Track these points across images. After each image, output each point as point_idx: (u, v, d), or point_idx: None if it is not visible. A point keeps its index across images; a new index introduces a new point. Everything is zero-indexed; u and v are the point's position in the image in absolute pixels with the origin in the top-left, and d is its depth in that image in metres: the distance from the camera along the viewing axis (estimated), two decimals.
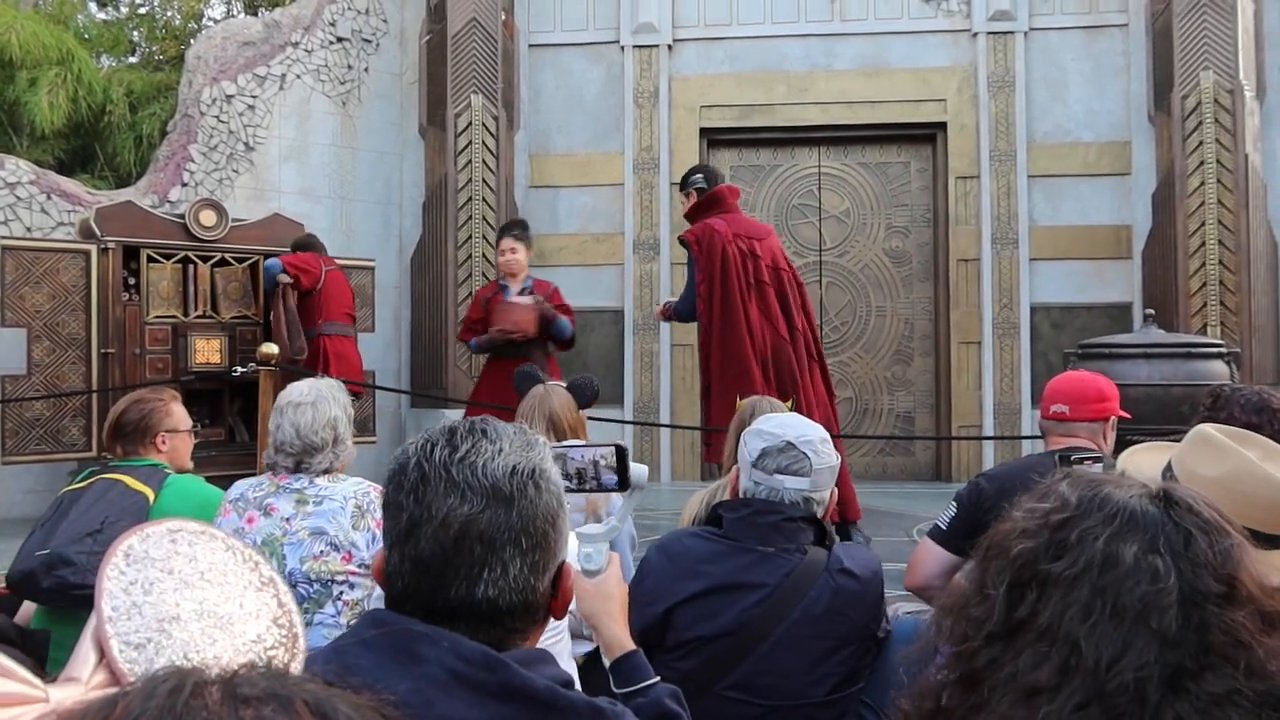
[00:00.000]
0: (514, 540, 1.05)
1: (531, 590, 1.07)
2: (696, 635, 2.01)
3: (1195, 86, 6.76)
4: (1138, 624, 0.91)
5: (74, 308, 5.83)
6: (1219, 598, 0.92)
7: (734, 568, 2.02)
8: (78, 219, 6.26)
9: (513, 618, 1.07)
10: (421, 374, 7.35)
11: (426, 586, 1.05)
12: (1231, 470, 1.61)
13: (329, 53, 7.36)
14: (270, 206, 6.82)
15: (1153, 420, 4.17)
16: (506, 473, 1.07)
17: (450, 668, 1.00)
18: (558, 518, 1.10)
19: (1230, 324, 6.62)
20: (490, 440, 1.09)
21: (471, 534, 1.04)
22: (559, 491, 1.12)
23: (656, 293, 7.53)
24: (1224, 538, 0.95)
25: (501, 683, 1.00)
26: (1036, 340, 7.35)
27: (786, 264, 4.97)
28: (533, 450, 1.11)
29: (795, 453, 2.06)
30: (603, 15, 7.71)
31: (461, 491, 1.05)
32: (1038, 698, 0.91)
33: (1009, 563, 0.98)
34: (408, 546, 1.06)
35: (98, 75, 7.74)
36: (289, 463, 2.50)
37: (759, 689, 1.96)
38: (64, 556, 2.48)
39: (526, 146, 7.68)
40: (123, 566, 0.83)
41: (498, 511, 1.05)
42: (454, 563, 1.04)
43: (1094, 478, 1.01)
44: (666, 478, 7.45)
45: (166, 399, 2.95)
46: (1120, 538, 0.94)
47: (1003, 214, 7.37)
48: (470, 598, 1.04)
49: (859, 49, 7.58)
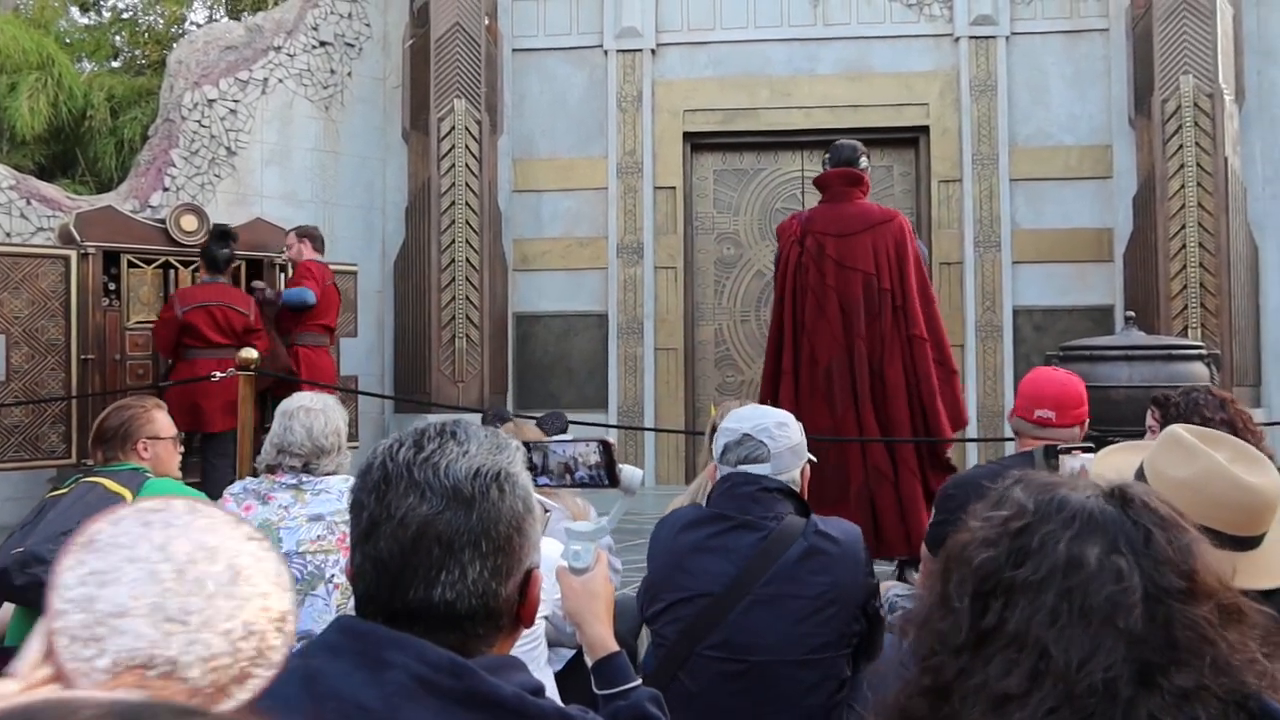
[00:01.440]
0: (474, 543, 1.03)
1: (493, 595, 1.05)
2: (678, 597, 2.09)
3: (1175, 91, 6.80)
4: (1105, 625, 0.91)
5: (53, 313, 5.79)
6: (1181, 593, 0.92)
7: (713, 532, 2.12)
8: (58, 224, 6.22)
9: (473, 622, 1.04)
10: (405, 378, 7.32)
11: (385, 587, 1.03)
12: (1200, 472, 1.62)
13: (311, 57, 7.34)
14: (252, 211, 6.79)
15: (1134, 422, 4.17)
16: (469, 474, 1.05)
17: (416, 674, 0.99)
18: (524, 523, 1.08)
19: (1211, 326, 6.66)
20: (458, 442, 1.08)
21: (429, 534, 1.03)
22: (527, 496, 1.10)
23: (640, 297, 7.54)
24: (1181, 533, 0.95)
25: (468, 690, 0.99)
26: (1019, 343, 7.39)
27: (875, 264, 4.23)
28: (501, 454, 1.09)
29: (753, 442, 2.15)
30: (586, 20, 7.71)
31: (421, 491, 1.04)
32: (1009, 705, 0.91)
33: (972, 573, 0.97)
34: (368, 546, 1.05)
35: (78, 80, 7.71)
36: (296, 463, 2.56)
37: (739, 646, 2.02)
38: (37, 554, 2.49)
39: (510, 151, 7.67)
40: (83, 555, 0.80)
41: (457, 513, 1.03)
42: (411, 563, 1.03)
43: (1047, 481, 1.01)
44: (651, 482, 7.44)
45: (149, 406, 2.98)
46: (1082, 540, 0.94)
47: (985, 217, 7.40)
48: (428, 600, 1.03)
49: (841, 53, 7.60)
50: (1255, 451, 1.74)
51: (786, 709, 2.00)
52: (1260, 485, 1.63)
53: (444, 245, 7.10)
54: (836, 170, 4.43)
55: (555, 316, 7.66)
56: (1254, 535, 1.64)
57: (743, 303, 7.77)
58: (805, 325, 4.24)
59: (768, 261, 7.68)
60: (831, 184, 4.41)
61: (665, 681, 2.07)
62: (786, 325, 4.30)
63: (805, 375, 4.23)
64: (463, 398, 6.88)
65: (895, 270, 4.25)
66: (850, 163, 4.44)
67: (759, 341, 7.69)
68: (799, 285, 4.28)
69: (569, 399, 7.52)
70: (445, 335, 7.08)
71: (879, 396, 4.18)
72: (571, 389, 7.61)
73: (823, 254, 4.25)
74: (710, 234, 7.81)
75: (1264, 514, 1.65)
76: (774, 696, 2.00)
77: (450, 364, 7.05)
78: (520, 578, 1.08)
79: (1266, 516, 1.66)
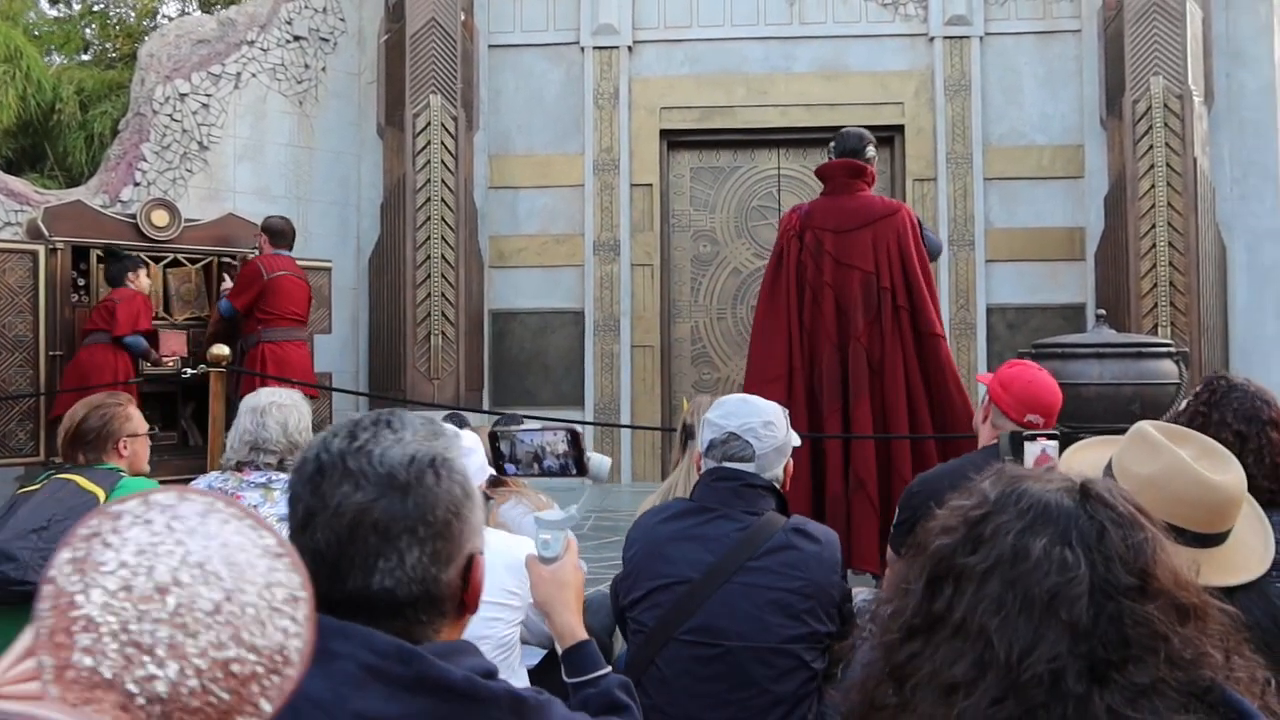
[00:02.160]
0: (410, 529, 1.03)
1: (433, 581, 1.04)
2: (657, 584, 2.11)
3: (1146, 92, 6.88)
4: (1047, 615, 0.91)
5: (21, 309, 5.70)
6: (1132, 590, 0.92)
7: (695, 522, 2.14)
8: (25, 219, 6.13)
9: (415, 609, 1.04)
10: (379, 375, 7.28)
11: (324, 578, 1.02)
12: (1163, 468, 1.63)
13: (285, 51, 7.27)
14: (225, 207, 6.73)
15: (1104, 419, 4.23)
16: (404, 461, 1.05)
17: (364, 663, 0.98)
18: (462, 507, 1.07)
19: (1180, 324, 6.74)
20: (393, 430, 1.08)
21: (365, 523, 1.02)
22: (465, 482, 1.09)
23: (617, 294, 7.54)
24: (1137, 531, 0.95)
25: (417, 675, 0.98)
26: (993, 340, 7.45)
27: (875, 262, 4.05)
28: (437, 440, 1.09)
29: (739, 442, 2.17)
30: (563, 16, 7.69)
31: (356, 480, 1.03)
32: (955, 694, 0.92)
33: (928, 557, 0.99)
34: (305, 538, 1.04)
35: (47, 73, 7.60)
36: (272, 460, 2.56)
37: (714, 631, 2.04)
38: (6, 552, 2.45)
39: (486, 147, 7.65)
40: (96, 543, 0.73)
41: (393, 500, 1.03)
42: (348, 553, 1.02)
43: (1017, 474, 1.02)
44: (627, 478, 7.44)
45: (125, 403, 2.94)
46: (1032, 531, 0.95)
47: (960, 216, 7.46)
48: (367, 588, 1.02)
49: (817, 52, 7.63)
50: (1222, 449, 1.75)
51: (758, 695, 2.02)
52: (1223, 483, 1.64)
53: (419, 242, 7.07)
54: (840, 160, 4.16)
55: (531, 313, 7.64)
56: (1218, 532, 1.66)
57: (719, 300, 7.78)
58: (806, 324, 4.04)
59: (744, 259, 7.70)
60: (834, 175, 4.15)
61: (642, 667, 2.08)
62: (793, 325, 4.04)
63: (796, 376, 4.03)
64: (438, 395, 6.85)
65: (897, 268, 4.04)
66: (855, 152, 4.16)
67: (735, 339, 7.71)
68: (800, 282, 4.07)
69: (545, 396, 7.50)
70: (420, 332, 7.05)
71: (877, 399, 3.97)
72: (548, 386, 7.59)
73: (821, 250, 4.04)
74: (687, 231, 7.82)
75: (1227, 511, 1.67)
76: (746, 682, 2.02)
77: (426, 361, 7.02)
78: (462, 563, 1.08)
79: (1230, 513, 1.68)
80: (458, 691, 0.99)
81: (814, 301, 4.03)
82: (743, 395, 2.31)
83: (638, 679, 2.08)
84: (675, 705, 2.04)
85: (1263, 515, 1.78)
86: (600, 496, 6.77)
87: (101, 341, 5.60)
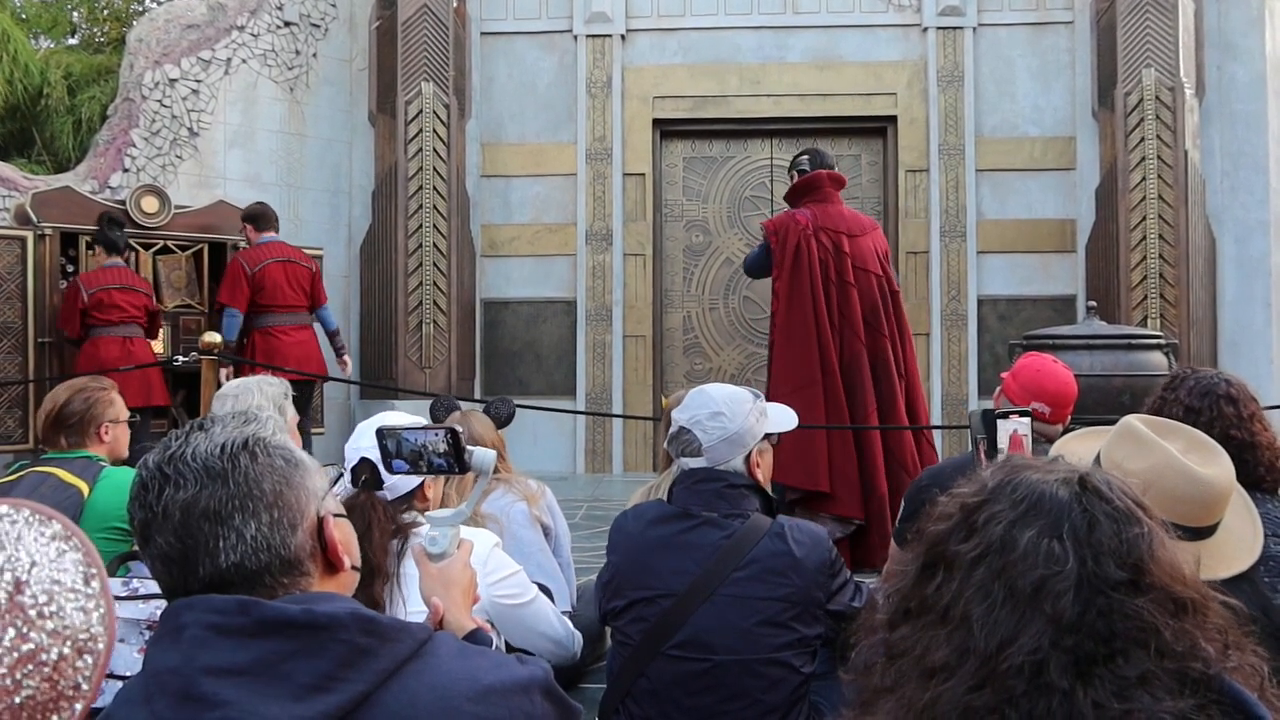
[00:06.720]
0: (240, 507, 1.08)
1: (281, 545, 1.09)
2: (640, 596, 2.08)
3: (1137, 84, 6.89)
4: (1031, 607, 0.91)
5: (9, 295, 5.68)
6: (1123, 585, 0.92)
7: (679, 529, 2.10)
8: (13, 204, 6.09)
9: (270, 574, 1.09)
10: (371, 364, 7.26)
11: (178, 576, 1.08)
12: (1154, 465, 1.63)
13: (276, 37, 7.23)
14: (215, 193, 6.69)
15: (1094, 410, 4.24)
16: (215, 451, 1.10)
17: (208, 623, 1.03)
18: (291, 476, 1.13)
19: (1170, 316, 6.78)
20: (203, 430, 1.13)
21: (194, 515, 1.07)
22: (288, 454, 1.14)
23: (609, 283, 7.53)
24: (1132, 526, 0.94)
25: (256, 620, 1.02)
26: (984, 332, 7.47)
27: (881, 267, 4.34)
28: (248, 425, 1.15)
29: (687, 435, 2.15)
30: (556, 4, 7.66)
31: (175, 482, 1.09)
32: (936, 678, 0.92)
33: (924, 543, 0.99)
34: (151, 549, 1.09)
35: (35, 57, 7.53)
36: None
37: (703, 645, 2.02)
38: None
39: (478, 135, 7.62)
40: None
41: (215, 488, 1.08)
42: (191, 545, 1.07)
43: (1021, 464, 1.02)
44: (619, 469, 7.45)
45: (108, 388, 2.91)
46: (1023, 522, 0.95)
47: (951, 207, 7.46)
48: (216, 569, 1.07)
49: (811, 42, 7.62)
50: (1210, 440, 1.76)
51: (749, 705, 2.00)
52: (1212, 477, 1.65)
53: (411, 230, 7.04)
54: (828, 171, 4.44)
55: (523, 303, 7.63)
56: (1208, 525, 1.68)
57: (711, 290, 7.78)
58: (835, 323, 4.17)
59: (737, 249, 7.70)
60: (824, 184, 4.38)
61: (629, 682, 2.06)
62: (822, 323, 4.14)
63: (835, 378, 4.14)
64: (430, 384, 6.84)
65: (891, 274, 4.40)
66: (831, 167, 4.50)
67: (727, 329, 7.72)
68: (825, 281, 4.18)
69: (537, 386, 7.50)
70: (412, 321, 7.03)
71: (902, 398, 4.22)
72: (539, 375, 7.59)
73: (840, 251, 4.22)
74: (679, 221, 7.81)
75: (1217, 504, 1.68)
76: (736, 694, 2.00)
77: (417, 350, 7.00)
78: (311, 525, 1.13)
79: (1219, 506, 1.69)
80: (298, 624, 1.02)
81: (842, 300, 4.18)
82: (701, 387, 2.27)
83: (626, 690, 2.08)
84: (666, 718, 2.02)
85: (1250, 503, 1.79)
86: (592, 486, 6.77)
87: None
